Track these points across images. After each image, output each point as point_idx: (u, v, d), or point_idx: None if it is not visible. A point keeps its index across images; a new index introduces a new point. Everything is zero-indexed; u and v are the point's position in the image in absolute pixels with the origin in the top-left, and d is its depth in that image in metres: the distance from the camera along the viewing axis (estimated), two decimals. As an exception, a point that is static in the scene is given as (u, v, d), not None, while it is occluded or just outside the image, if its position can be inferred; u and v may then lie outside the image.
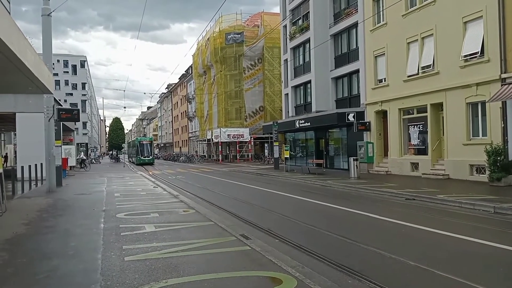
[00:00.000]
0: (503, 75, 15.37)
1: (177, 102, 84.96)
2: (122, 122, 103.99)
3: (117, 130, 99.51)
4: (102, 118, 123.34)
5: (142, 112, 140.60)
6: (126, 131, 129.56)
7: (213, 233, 7.86)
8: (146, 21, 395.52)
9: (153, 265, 5.69)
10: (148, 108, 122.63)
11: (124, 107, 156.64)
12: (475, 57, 16.77)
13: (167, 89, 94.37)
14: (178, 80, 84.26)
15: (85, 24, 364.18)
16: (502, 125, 15.61)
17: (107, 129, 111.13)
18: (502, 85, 15.32)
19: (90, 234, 7.91)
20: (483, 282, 5.23)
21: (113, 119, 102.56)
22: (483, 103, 16.46)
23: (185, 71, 78.28)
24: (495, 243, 7.18)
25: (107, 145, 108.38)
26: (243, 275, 5.28)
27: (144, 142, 50.34)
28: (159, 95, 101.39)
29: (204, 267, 5.61)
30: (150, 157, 49.13)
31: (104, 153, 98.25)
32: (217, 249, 6.57)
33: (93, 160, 54.16)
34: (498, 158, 14.89)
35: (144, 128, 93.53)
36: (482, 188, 14.22)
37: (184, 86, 77.12)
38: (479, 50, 16.56)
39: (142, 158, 48.47)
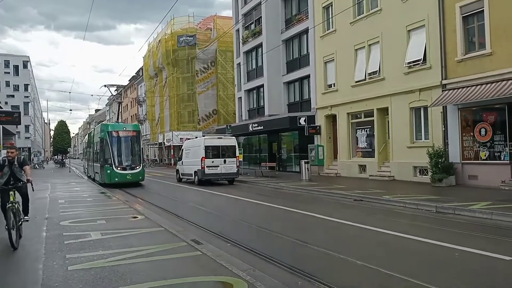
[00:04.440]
0: (444, 81, 16.27)
1: (127, 105, 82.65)
2: (67, 125, 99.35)
3: (63, 134, 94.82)
4: (46, 121, 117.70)
5: (89, 115, 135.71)
6: (72, 135, 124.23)
7: (163, 239, 7.68)
8: (90, 21, 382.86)
9: (98, 274, 5.46)
10: (96, 110, 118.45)
11: (70, 110, 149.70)
12: (418, 64, 17.63)
13: (116, 91, 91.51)
14: (128, 82, 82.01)
15: (24, 23, 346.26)
16: (443, 129, 16.50)
17: (52, 132, 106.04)
18: (443, 90, 16.20)
19: (32, 244, 7.49)
20: (425, 279, 5.46)
21: (58, 122, 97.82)
22: (426, 108, 17.32)
23: (136, 73, 76.36)
24: (436, 240, 7.53)
25: (52, 149, 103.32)
26: (193, 281, 5.19)
27: (121, 134, 22.40)
28: (107, 97, 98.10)
29: (153, 274, 5.46)
30: (138, 169, 22.14)
31: (48, 158, 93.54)
32: (167, 255, 6.42)
33: (36, 166, 51.47)
34: (440, 160, 15.70)
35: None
36: (425, 188, 14.93)
37: (135, 88, 75.18)
38: (422, 57, 17.42)
39: (120, 171, 21.53)
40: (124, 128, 23.05)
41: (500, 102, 14.22)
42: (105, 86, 27.21)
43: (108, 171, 21.53)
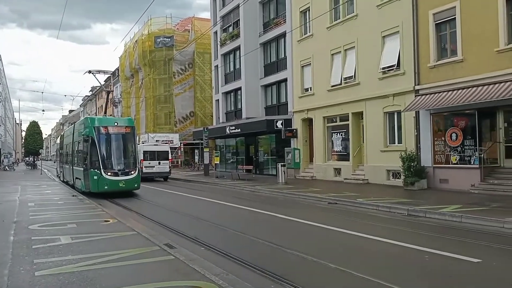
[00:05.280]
0: (417, 87, 16.62)
1: (102, 106, 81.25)
2: (40, 126, 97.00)
3: (35, 135, 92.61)
4: (17, 121, 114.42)
5: (63, 115, 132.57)
6: (44, 136, 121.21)
7: (135, 243, 7.55)
8: (64, 20, 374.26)
9: (66, 280, 5.32)
10: (70, 111, 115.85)
11: (43, 110, 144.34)
12: (392, 69, 17.97)
13: (91, 92, 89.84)
14: (103, 82, 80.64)
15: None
16: (416, 133, 16.85)
17: (23, 133, 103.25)
18: (415, 96, 16.55)
19: (-3, 248, 7.23)
20: (396, 281, 5.54)
21: (30, 123, 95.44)
22: (399, 113, 17.65)
23: (111, 74, 75.15)
24: (407, 243, 7.67)
25: (23, 150, 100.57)
26: (165, 286, 5.13)
27: (112, 131, 17.84)
28: (82, 97, 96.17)
29: (124, 279, 5.36)
30: (133, 174, 17.63)
31: (19, 160, 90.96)
32: (139, 260, 6.31)
33: (6, 167, 49.97)
34: (412, 164, 16.01)
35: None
36: (397, 192, 15.20)
37: (110, 89, 74.03)
38: (396, 63, 17.76)
39: (110, 177, 16.98)
40: (116, 123, 18.33)
41: (470, 108, 14.62)
42: (89, 72, 22.25)
43: (95, 177, 16.92)
